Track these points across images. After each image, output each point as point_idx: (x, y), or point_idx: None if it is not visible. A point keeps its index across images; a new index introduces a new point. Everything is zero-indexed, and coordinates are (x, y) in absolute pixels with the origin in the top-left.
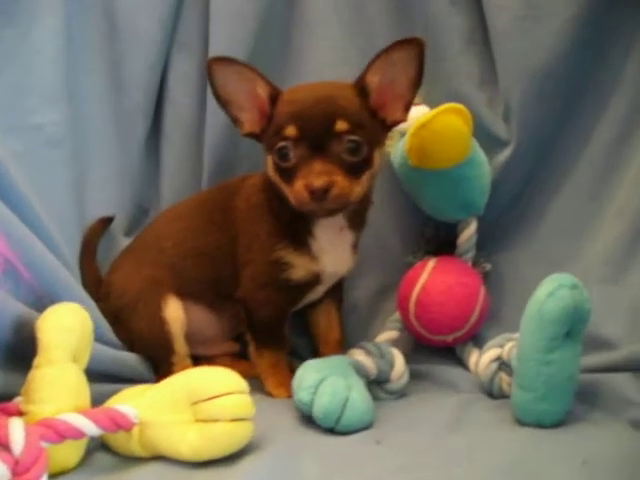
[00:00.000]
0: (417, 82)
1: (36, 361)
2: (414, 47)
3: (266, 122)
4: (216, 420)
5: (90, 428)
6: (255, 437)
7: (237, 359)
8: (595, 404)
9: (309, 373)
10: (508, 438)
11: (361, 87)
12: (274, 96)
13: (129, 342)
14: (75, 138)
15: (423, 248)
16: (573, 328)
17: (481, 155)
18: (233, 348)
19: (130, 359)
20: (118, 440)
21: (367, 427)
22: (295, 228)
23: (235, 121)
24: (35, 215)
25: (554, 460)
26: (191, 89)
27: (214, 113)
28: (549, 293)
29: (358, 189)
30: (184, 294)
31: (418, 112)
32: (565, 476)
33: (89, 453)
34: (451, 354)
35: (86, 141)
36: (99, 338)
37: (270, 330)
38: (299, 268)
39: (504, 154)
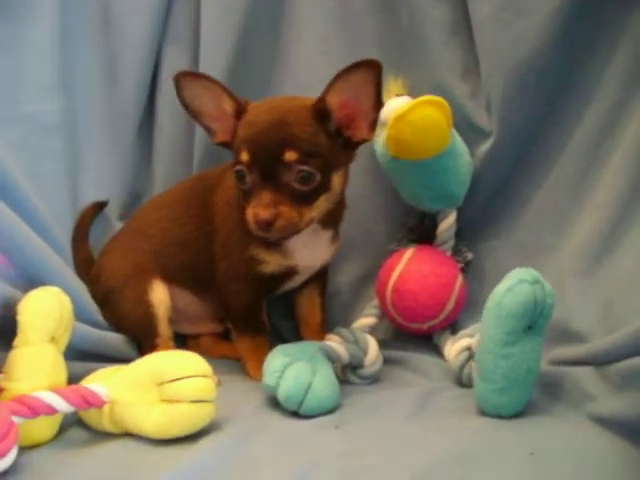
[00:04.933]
0: (377, 102)
1: (15, 341)
2: (371, 69)
3: (232, 135)
4: (179, 401)
5: (61, 405)
6: (219, 417)
7: (220, 339)
8: (557, 396)
9: (277, 357)
10: (463, 427)
11: (320, 109)
12: (239, 112)
13: (116, 323)
14: (69, 127)
15: (407, 236)
16: (534, 322)
17: (461, 146)
18: (218, 328)
19: (115, 339)
20: (91, 417)
21: (330, 411)
22: None
23: (207, 130)
24: (24, 199)
25: (504, 450)
26: None
27: None
28: (509, 288)
29: (311, 214)
30: (168, 279)
31: (400, 103)
32: (511, 466)
33: (65, 428)
34: (429, 341)
35: (80, 130)
36: (87, 319)
37: (247, 318)
38: (272, 264)
39: (486, 145)
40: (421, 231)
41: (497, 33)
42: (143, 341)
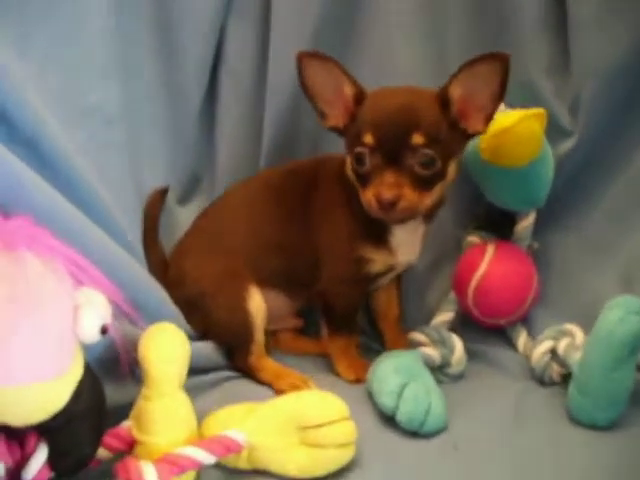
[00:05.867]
0: (500, 96)
1: (146, 392)
2: (499, 62)
3: (349, 120)
4: (323, 446)
5: (207, 458)
6: None
7: (298, 335)
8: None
9: (389, 377)
10: (569, 441)
11: (443, 98)
12: (359, 97)
13: (204, 329)
14: (130, 113)
15: (474, 223)
16: (635, 348)
17: (549, 151)
18: (298, 323)
19: (206, 348)
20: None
21: (445, 427)
22: (375, 227)
23: (320, 114)
24: (103, 208)
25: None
26: (249, 56)
27: (276, 83)
28: (620, 318)
29: (427, 201)
30: (261, 282)
31: None
32: None
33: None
34: (498, 331)
35: (140, 114)
36: None
37: (345, 318)
38: (378, 262)
39: (566, 145)
40: (489, 219)
41: (595, 34)
42: (237, 348)
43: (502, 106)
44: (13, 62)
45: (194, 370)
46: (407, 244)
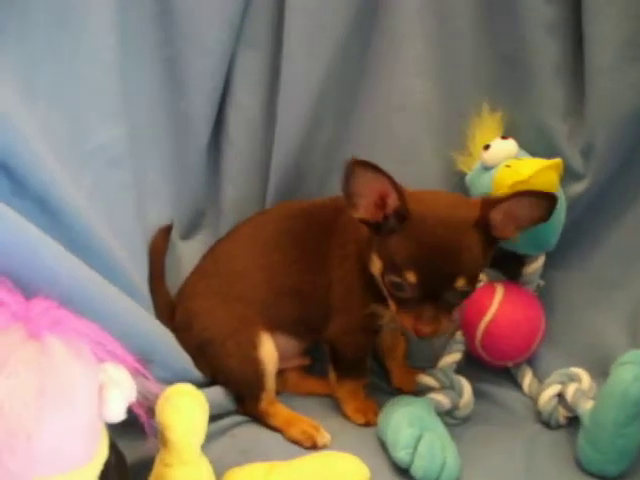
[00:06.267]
0: (536, 224)
1: (167, 459)
2: (547, 201)
3: (383, 219)
4: None
5: None
6: None
7: (306, 374)
8: None
9: (403, 429)
10: None
11: (483, 224)
12: (402, 214)
13: (213, 375)
14: (135, 151)
15: None
16: None
17: (562, 198)
18: (304, 361)
19: (215, 394)
20: None
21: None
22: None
23: (352, 204)
24: (109, 254)
25: None
26: (258, 90)
27: (286, 118)
28: (635, 377)
29: (457, 315)
30: (272, 327)
31: (507, 148)
32: None
33: None
34: (503, 370)
35: (145, 151)
36: (183, 377)
37: (354, 364)
38: (388, 316)
39: (577, 188)
40: (498, 260)
41: (612, 81)
42: (247, 395)
43: (521, 152)
44: (16, 108)
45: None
46: None
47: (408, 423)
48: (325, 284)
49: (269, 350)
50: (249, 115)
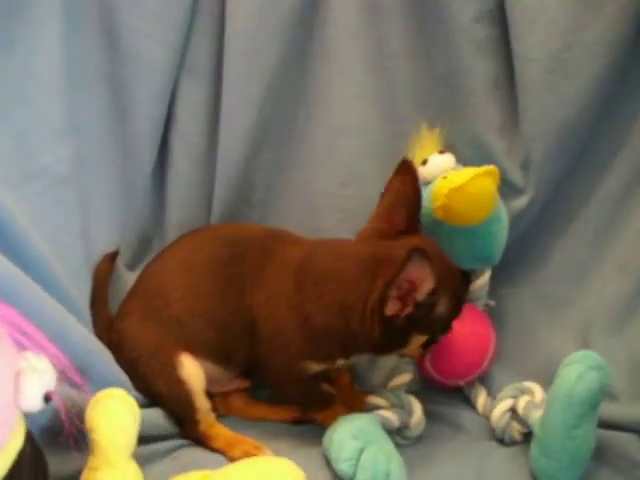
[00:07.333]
0: None
1: (94, 463)
2: None
3: (414, 308)
4: None
5: None
6: None
7: (251, 399)
8: (605, 462)
9: (346, 442)
10: None
11: None
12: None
13: (147, 396)
14: (79, 174)
15: None
16: (596, 404)
17: (502, 210)
18: (244, 384)
19: (156, 416)
20: None
21: None
22: (335, 354)
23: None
24: (49, 270)
25: None
26: (201, 117)
27: (227, 144)
28: (579, 376)
29: None
30: (194, 351)
31: (444, 162)
32: None
33: None
34: (458, 392)
35: (89, 175)
36: None
37: (311, 400)
38: (320, 368)
39: (519, 202)
40: None
41: (543, 95)
42: (182, 418)
43: (459, 166)
44: None
45: (145, 438)
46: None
47: (352, 436)
48: (247, 323)
49: (191, 369)
50: (192, 142)
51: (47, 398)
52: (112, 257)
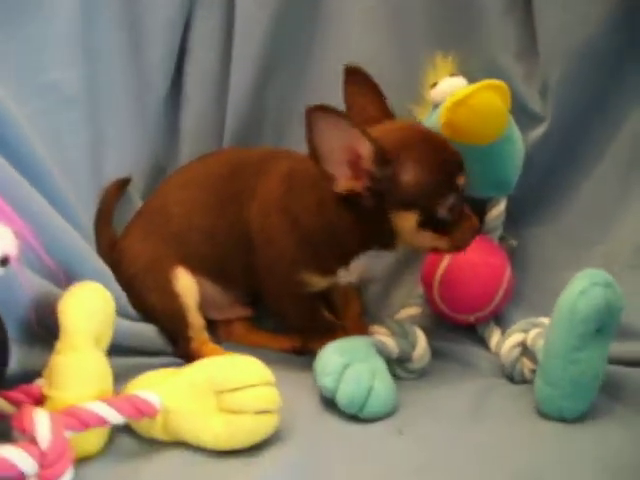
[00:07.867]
0: None
1: (58, 345)
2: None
3: (369, 181)
4: (241, 412)
5: (114, 416)
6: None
7: (254, 327)
8: (618, 397)
9: (332, 357)
10: (529, 435)
11: None
12: (381, 157)
13: (142, 313)
14: (91, 97)
15: None
16: (603, 326)
17: (516, 132)
18: (247, 312)
19: (149, 332)
20: (141, 424)
21: (390, 414)
22: (329, 260)
23: (327, 177)
24: (52, 182)
25: (576, 463)
26: (214, 45)
27: (239, 71)
28: (582, 291)
29: None
30: (192, 268)
31: (454, 84)
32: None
33: (113, 436)
34: (472, 332)
35: (102, 100)
36: (118, 310)
37: (312, 322)
38: (323, 284)
39: (538, 130)
40: None
41: (560, 13)
42: (174, 333)
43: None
44: None
45: (138, 350)
46: (366, 265)
47: (339, 354)
48: (242, 236)
49: (186, 283)
50: (206, 70)
51: (4, 261)
52: (123, 182)
